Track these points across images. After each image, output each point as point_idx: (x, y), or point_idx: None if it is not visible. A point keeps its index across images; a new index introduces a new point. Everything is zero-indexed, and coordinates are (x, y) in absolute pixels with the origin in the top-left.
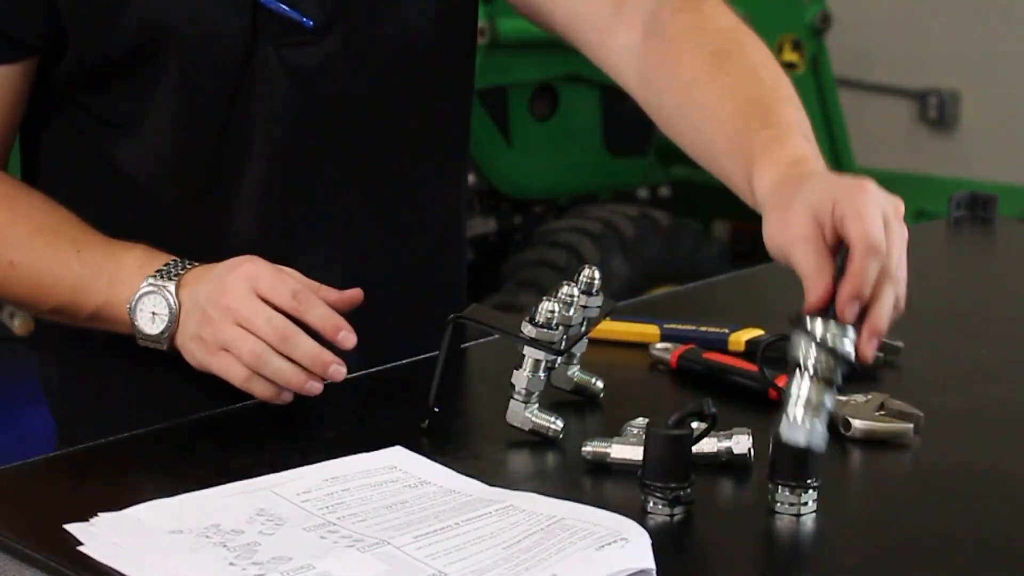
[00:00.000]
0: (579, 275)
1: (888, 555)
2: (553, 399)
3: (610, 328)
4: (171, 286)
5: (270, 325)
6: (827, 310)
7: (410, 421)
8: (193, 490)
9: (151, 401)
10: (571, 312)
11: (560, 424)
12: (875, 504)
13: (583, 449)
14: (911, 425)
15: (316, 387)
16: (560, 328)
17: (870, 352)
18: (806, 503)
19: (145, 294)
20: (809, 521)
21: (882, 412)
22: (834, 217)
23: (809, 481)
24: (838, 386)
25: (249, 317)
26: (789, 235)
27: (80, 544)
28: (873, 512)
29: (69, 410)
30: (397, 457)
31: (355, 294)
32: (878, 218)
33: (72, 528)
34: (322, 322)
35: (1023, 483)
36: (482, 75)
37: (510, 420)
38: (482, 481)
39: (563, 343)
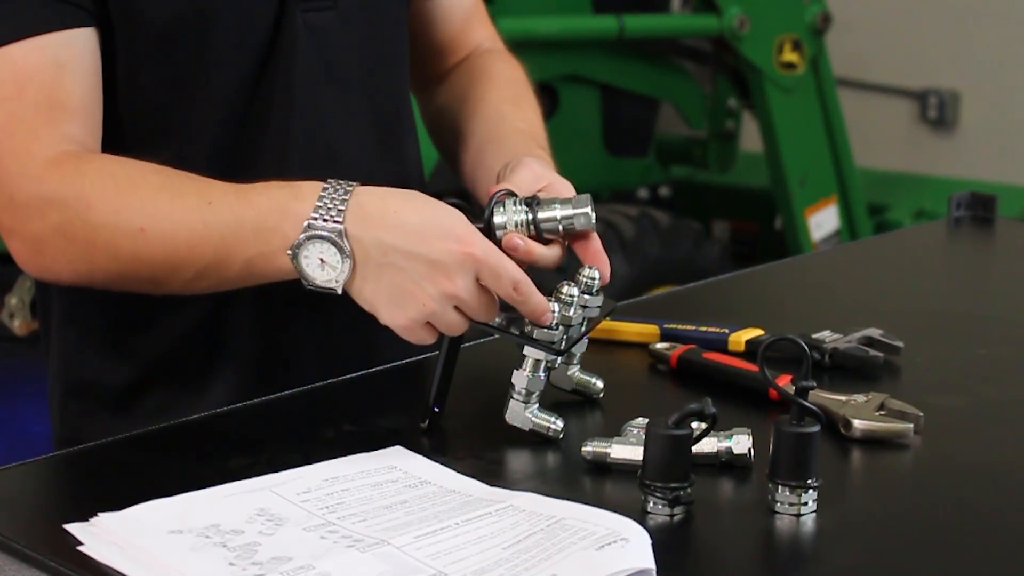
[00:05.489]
0: (579, 275)
1: (888, 555)
2: (553, 399)
3: (610, 328)
4: (337, 228)
5: (490, 311)
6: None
7: (410, 421)
8: (193, 490)
9: (155, 401)
10: (571, 312)
11: (560, 424)
12: (875, 504)
13: (583, 449)
14: (911, 425)
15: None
16: (560, 328)
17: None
18: (806, 503)
19: (309, 239)
20: (809, 521)
21: (882, 412)
22: None
23: (809, 481)
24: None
25: (470, 305)
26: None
27: (80, 544)
28: (873, 512)
29: (72, 410)
30: (397, 457)
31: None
32: None
33: (72, 528)
34: (534, 312)
35: (1023, 482)
36: None
37: (510, 420)
38: (482, 481)
39: (563, 343)
